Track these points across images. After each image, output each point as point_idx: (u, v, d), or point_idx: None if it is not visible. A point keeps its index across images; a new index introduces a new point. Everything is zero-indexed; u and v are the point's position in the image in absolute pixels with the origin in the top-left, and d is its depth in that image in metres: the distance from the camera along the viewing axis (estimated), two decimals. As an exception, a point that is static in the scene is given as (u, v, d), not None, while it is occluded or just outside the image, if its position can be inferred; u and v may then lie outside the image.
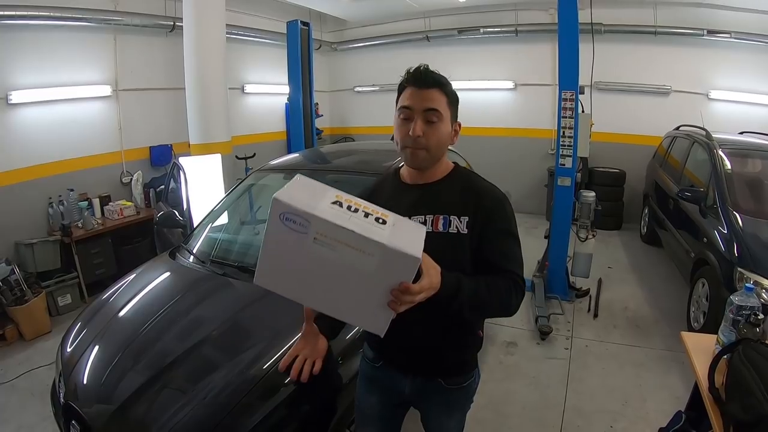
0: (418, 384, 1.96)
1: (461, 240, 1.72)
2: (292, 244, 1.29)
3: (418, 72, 1.72)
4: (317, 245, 1.28)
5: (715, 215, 4.79)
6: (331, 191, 1.38)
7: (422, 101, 1.69)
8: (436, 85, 1.70)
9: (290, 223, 1.26)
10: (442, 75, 1.75)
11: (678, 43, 8.09)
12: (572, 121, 5.22)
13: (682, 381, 4.08)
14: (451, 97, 1.75)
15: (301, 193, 1.31)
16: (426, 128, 1.69)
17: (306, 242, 1.28)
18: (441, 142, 1.74)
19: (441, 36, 9.80)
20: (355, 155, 4.71)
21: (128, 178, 7.11)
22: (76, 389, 2.58)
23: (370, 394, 2.11)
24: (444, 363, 1.92)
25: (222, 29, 6.12)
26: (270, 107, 10.10)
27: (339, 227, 1.25)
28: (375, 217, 1.34)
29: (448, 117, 1.75)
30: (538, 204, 9.29)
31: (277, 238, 1.31)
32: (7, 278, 5.16)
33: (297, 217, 1.25)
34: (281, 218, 1.26)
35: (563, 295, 5.65)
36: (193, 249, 3.79)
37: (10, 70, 5.65)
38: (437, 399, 1.99)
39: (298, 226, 1.26)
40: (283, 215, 1.26)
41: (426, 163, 1.77)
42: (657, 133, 7.99)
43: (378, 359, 2.03)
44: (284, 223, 1.27)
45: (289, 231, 1.27)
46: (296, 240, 1.28)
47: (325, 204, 1.30)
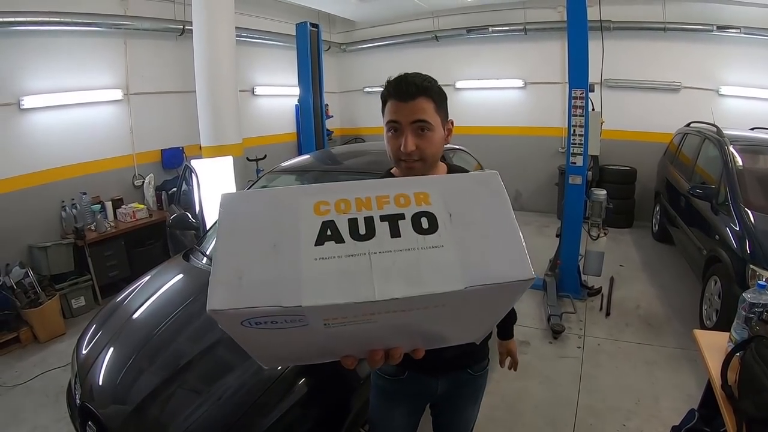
0: (450, 380, 1.98)
1: None
2: (290, 335, 0.80)
3: (398, 84, 1.61)
4: (335, 328, 0.79)
5: (727, 212, 4.77)
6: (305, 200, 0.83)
7: (409, 114, 1.59)
8: (420, 93, 1.59)
9: (268, 324, 0.75)
10: (425, 77, 1.65)
11: (687, 39, 8.05)
12: (583, 119, 5.20)
13: (694, 379, 4.06)
14: (438, 101, 1.64)
15: (254, 254, 0.77)
16: (418, 140, 1.61)
17: (313, 331, 0.79)
18: (435, 149, 1.67)
19: (450, 35, 9.78)
20: (366, 156, 4.72)
21: (140, 181, 7.16)
22: (92, 390, 2.62)
23: (393, 408, 2.08)
24: (471, 354, 1.96)
25: (232, 32, 6.14)
26: (280, 109, 10.13)
27: (364, 304, 0.73)
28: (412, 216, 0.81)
29: (439, 122, 1.66)
30: (549, 202, 9.27)
31: (258, 338, 0.83)
32: (21, 281, 5.22)
33: (275, 317, 0.74)
34: (245, 324, 0.75)
35: (575, 293, 5.64)
36: (206, 251, 3.82)
37: (22, 75, 5.71)
38: (467, 389, 2.04)
39: (286, 323, 0.75)
40: (247, 322, 0.75)
41: (422, 172, 1.69)
42: (667, 130, 7.95)
43: (402, 371, 1.98)
44: (255, 327, 0.76)
45: (271, 331, 0.77)
46: (293, 333, 0.78)
47: (307, 255, 0.76)
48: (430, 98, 1.62)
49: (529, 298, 5.69)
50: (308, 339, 0.83)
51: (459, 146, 4.75)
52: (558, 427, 3.66)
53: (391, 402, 2.08)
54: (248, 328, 0.75)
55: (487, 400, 3.83)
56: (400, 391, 2.03)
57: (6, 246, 5.47)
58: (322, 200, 0.81)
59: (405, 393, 2.03)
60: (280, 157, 5.34)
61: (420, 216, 0.79)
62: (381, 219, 0.79)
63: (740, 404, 1.89)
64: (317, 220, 0.79)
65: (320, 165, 4.53)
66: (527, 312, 5.39)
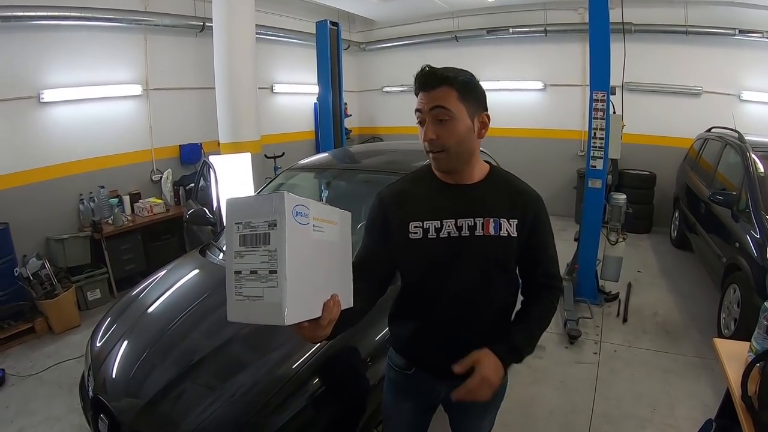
0: (456, 387, 1.88)
1: (511, 243, 1.70)
2: (304, 242, 1.17)
3: (421, 75, 1.66)
4: (316, 232, 1.21)
5: (748, 219, 4.69)
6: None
7: (429, 102, 1.63)
8: (441, 82, 1.62)
9: (299, 217, 1.14)
10: (453, 68, 1.67)
11: (709, 43, 7.93)
12: (603, 122, 5.15)
13: (711, 388, 4.01)
14: (463, 90, 1.63)
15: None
16: (438, 129, 1.63)
17: (309, 233, 1.19)
18: (459, 139, 1.64)
19: (469, 36, 9.75)
20: (384, 155, 4.70)
21: (158, 176, 7.20)
22: (105, 383, 2.63)
23: (401, 402, 2.07)
24: None
25: (252, 29, 6.15)
26: (299, 107, 10.15)
27: (325, 206, 1.29)
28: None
29: (463, 111, 1.64)
30: (567, 206, 9.20)
31: (296, 242, 1.13)
32: (37, 272, 5.26)
33: (303, 208, 1.15)
34: (294, 215, 1.12)
35: (592, 298, 5.59)
36: (223, 246, 3.81)
37: (42, 69, 5.76)
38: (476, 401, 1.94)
39: (304, 218, 1.16)
40: (294, 210, 1.12)
41: (450, 165, 1.70)
42: (688, 135, 7.88)
43: (409, 366, 1.98)
44: (296, 219, 1.13)
45: (301, 227, 1.15)
46: (305, 236, 1.17)
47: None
48: (452, 87, 1.62)
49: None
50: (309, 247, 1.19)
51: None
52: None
53: (400, 396, 2.07)
54: (294, 221, 1.11)
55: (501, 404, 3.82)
56: (408, 385, 2.02)
57: (24, 238, 5.52)
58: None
59: (411, 389, 2.02)
60: (297, 155, 5.34)
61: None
62: None
63: (761, 416, 1.85)
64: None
65: (338, 163, 4.53)
66: (543, 316, 5.33)
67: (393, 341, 2.06)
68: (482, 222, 1.69)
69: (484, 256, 1.63)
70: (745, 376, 2.00)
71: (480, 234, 1.68)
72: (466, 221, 1.70)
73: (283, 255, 1.08)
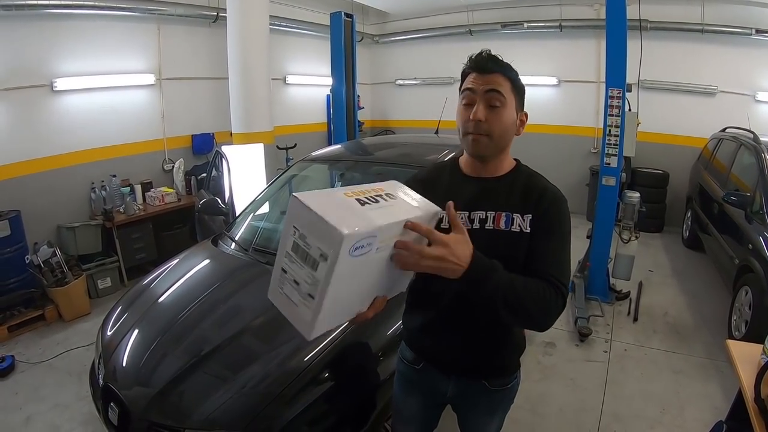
0: (462, 386, 1.91)
1: (523, 239, 1.63)
2: (359, 268, 1.16)
3: (480, 57, 1.67)
4: (378, 253, 1.19)
5: (761, 221, 4.66)
6: (339, 191, 1.27)
7: (485, 84, 1.62)
8: (500, 69, 1.64)
9: (360, 250, 1.10)
10: (507, 62, 1.69)
11: (725, 42, 7.85)
12: (619, 120, 5.11)
13: (721, 390, 3.99)
14: (515, 84, 1.67)
15: (340, 212, 1.12)
16: (488, 113, 1.62)
17: (370, 257, 1.16)
18: (504, 128, 1.65)
19: (484, 30, 9.72)
20: (397, 147, 4.70)
21: (170, 166, 7.23)
22: (115, 372, 2.64)
23: (409, 396, 2.07)
24: (489, 365, 1.86)
25: (266, 20, 6.15)
26: (312, 98, 10.15)
27: (395, 223, 1.20)
28: (384, 194, 1.32)
29: (513, 103, 1.66)
30: (579, 203, 9.12)
31: (345, 274, 1.12)
32: (48, 260, 5.31)
33: (365, 239, 1.10)
34: (351, 252, 1.08)
35: (603, 296, 5.57)
36: (235, 236, 3.83)
37: (55, 58, 5.78)
38: (481, 401, 1.94)
39: (365, 248, 1.12)
40: (353, 247, 1.08)
41: (488, 151, 1.68)
42: (702, 135, 7.82)
43: (418, 361, 1.97)
44: (353, 255, 1.09)
45: (356, 260, 1.11)
46: (362, 262, 1.15)
47: (360, 209, 1.19)
48: (508, 78, 1.66)
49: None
50: (364, 270, 1.20)
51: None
52: (582, 431, 3.61)
53: (408, 389, 2.06)
54: (350, 257, 1.08)
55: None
56: (416, 380, 2.01)
57: (35, 225, 5.55)
58: (347, 191, 1.25)
59: (419, 383, 2.01)
60: (310, 147, 5.34)
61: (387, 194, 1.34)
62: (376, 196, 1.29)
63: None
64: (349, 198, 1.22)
65: (351, 155, 4.52)
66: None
67: (404, 334, 2.06)
68: (494, 216, 1.66)
69: (491, 250, 1.50)
70: (758, 379, 1.99)
71: (490, 228, 1.65)
72: (478, 214, 1.67)
73: (324, 289, 1.10)
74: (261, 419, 2.20)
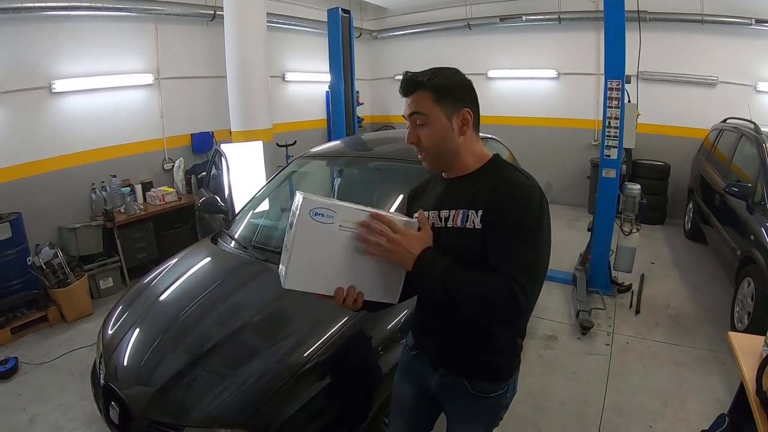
0: (446, 381, 1.92)
1: (475, 236, 1.63)
2: (322, 235, 1.51)
3: (401, 81, 1.74)
4: (342, 231, 1.52)
5: (763, 212, 4.64)
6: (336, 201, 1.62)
7: (407, 108, 1.73)
8: (416, 87, 1.69)
9: (319, 217, 1.48)
10: (432, 70, 1.72)
11: (725, 33, 7.82)
12: (618, 111, 5.10)
13: (723, 382, 3.98)
14: (438, 92, 1.67)
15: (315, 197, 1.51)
16: (418, 132, 1.72)
17: (333, 231, 1.51)
18: (436, 140, 1.70)
19: (482, 24, 9.67)
20: (396, 143, 4.68)
21: (170, 165, 7.24)
22: (116, 371, 2.65)
23: (406, 383, 2.12)
24: (471, 362, 1.85)
25: (263, 18, 6.15)
26: (311, 95, 10.17)
27: (358, 209, 1.55)
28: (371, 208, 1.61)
29: (439, 113, 1.68)
30: (580, 196, 9.16)
31: (308, 233, 1.49)
32: (50, 261, 5.32)
33: (324, 209, 1.48)
34: (311, 214, 1.47)
35: (605, 289, 5.56)
36: (235, 234, 3.83)
37: (53, 59, 5.79)
38: (462, 404, 1.93)
39: (326, 218, 1.49)
40: (313, 211, 1.47)
41: (433, 165, 1.79)
42: (703, 126, 7.79)
43: (416, 347, 2.05)
44: (314, 218, 1.48)
45: (318, 224, 1.49)
46: (325, 231, 1.50)
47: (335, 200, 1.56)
48: (427, 90, 1.68)
49: (559, 292, 5.66)
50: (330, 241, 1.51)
51: (491, 136, 4.69)
52: (584, 424, 3.61)
53: (404, 375, 2.14)
54: (310, 219, 1.46)
55: (512, 394, 3.80)
56: (411, 366, 2.09)
57: (36, 227, 5.56)
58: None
59: (412, 369, 2.08)
60: (309, 144, 5.31)
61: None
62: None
63: (775, 412, 1.83)
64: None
65: (350, 151, 4.52)
66: (556, 306, 5.36)
67: (412, 320, 2.13)
68: (454, 213, 1.72)
69: (452, 247, 1.65)
70: (760, 371, 1.99)
71: (450, 226, 1.71)
72: (443, 213, 1.75)
73: (293, 242, 1.49)
74: (261, 415, 2.21)
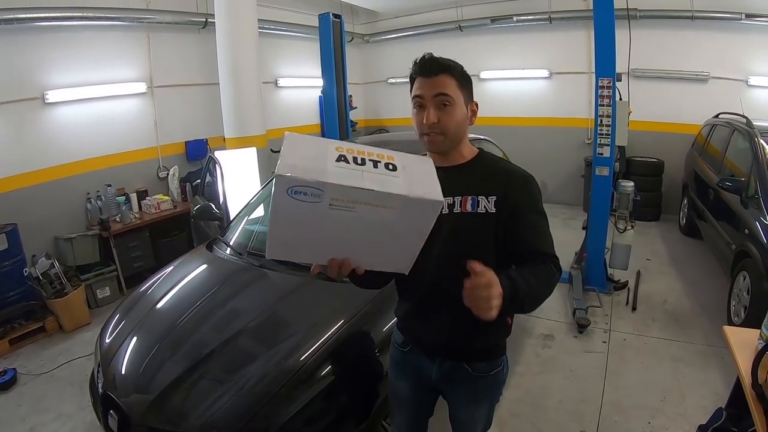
0: (445, 369, 1.98)
1: (489, 220, 1.73)
2: (305, 214, 1.27)
3: (423, 61, 1.75)
4: (333, 210, 1.27)
5: (757, 206, 4.65)
6: (331, 144, 1.39)
7: (431, 88, 1.71)
8: (442, 70, 1.72)
9: (300, 195, 1.22)
10: (449, 59, 1.77)
11: (716, 28, 7.85)
12: (610, 109, 5.13)
13: (722, 377, 3.99)
14: (461, 80, 1.75)
15: (302, 158, 1.27)
16: (440, 114, 1.71)
17: (320, 209, 1.26)
18: (457, 124, 1.75)
19: (474, 25, 9.71)
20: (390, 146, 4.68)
21: (165, 173, 7.23)
22: (114, 379, 2.65)
23: (401, 380, 2.14)
24: (470, 347, 1.92)
25: (254, 24, 6.15)
26: (304, 100, 10.15)
27: (356, 189, 1.25)
28: (384, 163, 1.35)
29: (461, 99, 1.75)
30: (575, 195, 9.18)
31: (287, 212, 1.28)
32: (47, 272, 5.32)
33: (307, 188, 1.22)
34: (289, 192, 1.22)
35: (601, 287, 5.57)
36: (230, 241, 3.84)
37: (46, 70, 5.78)
38: (464, 387, 2.00)
39: (309, 197, 1.23)
40: (291, 189, 1.22)
41: (445, 147, 1.78)
42: (696, 122, 7.79)
43: (406, 344, 2.07)
44: (293, 196, 1.22)
45: (300, 203, 1.24)
46: (309, 209, 1.26)
47: (331, 164, 1.28)
48: (452, 76, 1.74)
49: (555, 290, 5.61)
50: (317, 220, 1.30)
51: (484, 136, 4.70)
52: (582, 422, 3.61)
53: (398, 373, 2.16)
54: (288, 197, 1.23)
55: (510, 394, 3.83)
56: (405, 363, 2.11)
57: (32, 238, 5.54)
58: (340, 146, 1.37)
59: (407, 366, 2.10)
60: (304, 149, 5.31)
61: (388, 164, 1.36)
62: (369, 160, 1.34)
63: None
64: (336, 152, 1.33)
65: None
66: (552, 305, 5.35)
67: (397, 321, 2.14)
68: (461, 200, 1.76)
69: (461, 232, 1.71)
70: (755, 364, 1.98)
71: (458, 211, 1.75)
72: (446, 200, 1.71)
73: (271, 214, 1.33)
74: (259, 419, 2.21)
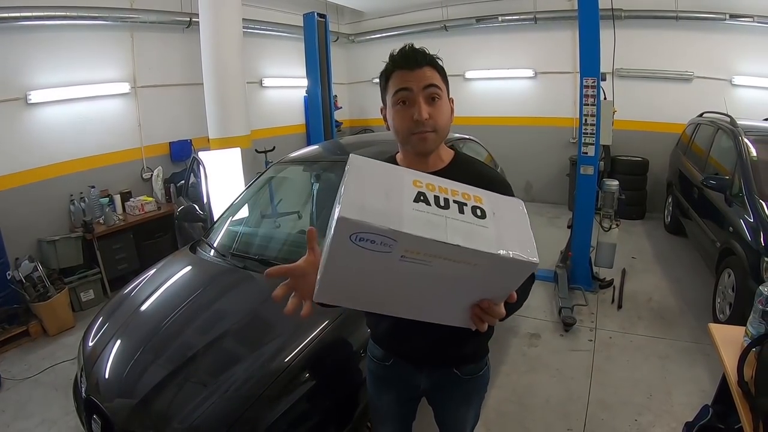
0: (435, 377, 1.94)
1: None
2: (368, 263, 1.02)
3: (405, 53, 1.62)
4: (404, 263, 1.02)
5: (741, 204, 4.69)
6: (406, 175, 1.12)
7: (420, 80, 1.57)
8: (428, 62, 1.60)
9: (367, 243, 0.98)
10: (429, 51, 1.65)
11: (700, 28, 7.92)
12: (594, 109, 5.15)
13: (708, 374, 4.01)
14: (442, 72, 1.64)
15: (372, 195, 1.02)
16: (431, 109, 1.57)
17: (388, 260, 1.01)
18: (446, 119, 1.64)
19: (459, 25, 9.72)
20: (374, 146, 4.67)
21: (149, 174, 7.17)
22: (97, 384, 2.61)
23: (383, 393, 2.09)
24: (459, 354, 1.89)
25: (239, 24, 6.12)
26: (289, 100, 10.13)
27: (438, 243, 0.98)
28: (471, 207, 1.09)
29: (445, 93, 1.64)
30: (560, 194, 9.23)
31: (346, 258, 1.03)
32: (30, 275, 5.23)
33: (377, 236, 0.97)
34: (353, 239, 0.97)
35: (587, 285, 5.59)
36: (213, 243, 3.80)
37: (29, 70, 5.71)
38: (455, 391, 1.96)
39: (378, 245, 0.98)
40: (356, 236, 0.97)
41: (435, 146, 1.65)
42: (680, 121, 7.84)
43: (388, 357, 1.99)
44: (357, 243, 0.98)
45: (364, 251, 0.99)
46: (374, 259, 1.00)
47: (408, 205, 1.02)
48: (435, 68, 1.62)
49: (541, 290, 5.65)
50: (381, 270, 1.05)
51: (469, 136, 4.70)
52: (569, 421, 3.62)
53: (381, 387, 2.09)
54: (351, 243, 0.98)
55: (497, 393, 3.82)
56: (387, 377, 2.03)
57: (15, 240, 5.47)
58: (417, 179, 1.12)
59: (391, 380, 2.03)
60: (289, 149, 5.29)
61: (476, 208, 1.10)
62: (453, 201, 1.08)
63: (757, 401, 1.83)
64: (414, 188, 1.08)
65: (328, 155, 4.51)
66: (538, 304, 5.36)
67: (372, 333, 2.07)
68: None
69: None
70: (741, 361, 1.99)
71: None
72: None
73: (324, 258, 1.08)
74: (243, 422, 2.19)
